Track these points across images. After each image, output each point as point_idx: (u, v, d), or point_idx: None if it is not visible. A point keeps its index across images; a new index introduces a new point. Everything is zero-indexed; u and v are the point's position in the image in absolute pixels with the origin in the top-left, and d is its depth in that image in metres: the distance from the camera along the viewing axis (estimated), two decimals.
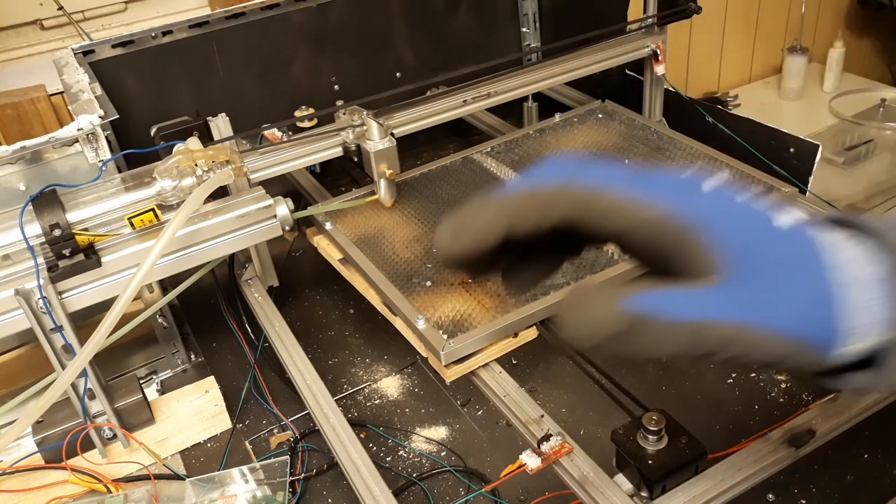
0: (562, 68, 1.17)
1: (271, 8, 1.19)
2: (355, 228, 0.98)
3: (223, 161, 0.81)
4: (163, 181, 0.79)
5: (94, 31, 1.71)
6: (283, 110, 1.20)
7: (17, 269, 0.75)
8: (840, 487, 0.75)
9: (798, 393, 0.87)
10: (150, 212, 0.78)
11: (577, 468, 0.66)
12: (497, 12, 1.43)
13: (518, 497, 0.79)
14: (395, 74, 1.35)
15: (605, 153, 1.09)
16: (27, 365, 0.94)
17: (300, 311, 1.12)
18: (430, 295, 0.84)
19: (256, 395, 0.96)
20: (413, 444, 0.88)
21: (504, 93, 1.13)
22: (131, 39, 1.10)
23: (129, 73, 1.13)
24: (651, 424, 0.65)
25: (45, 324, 0.75)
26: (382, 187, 0.99)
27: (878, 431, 0.77)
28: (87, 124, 0.82)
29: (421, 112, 1.08)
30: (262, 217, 0.84)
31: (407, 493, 0.82)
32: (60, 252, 0.74)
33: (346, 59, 1.30)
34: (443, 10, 1.37)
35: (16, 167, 0.82)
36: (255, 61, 1.22)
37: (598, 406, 0.87)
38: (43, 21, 1.74)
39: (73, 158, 0.84)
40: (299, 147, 0.99)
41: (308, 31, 1.25)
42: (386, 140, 0.97)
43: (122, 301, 0.70)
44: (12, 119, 1.50)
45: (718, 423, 0.84)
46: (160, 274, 0.82)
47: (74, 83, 0.95)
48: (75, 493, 0.82)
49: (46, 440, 0.82)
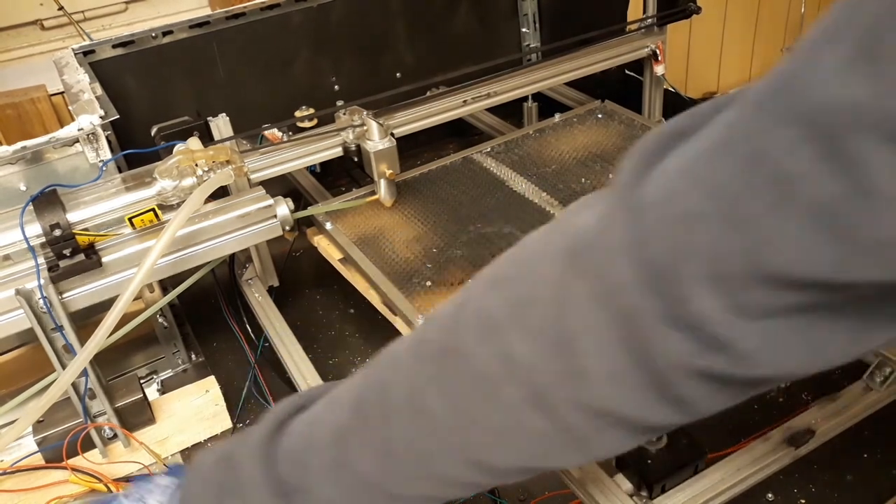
0: (561, 68, 1.17)
1: (271, 8, 1.19)
2: (355, 228, 0.98)
3: (223, 161, 0.81)
4: (163, 181, 0.79)
5: (95, 32, 1.72)
6: (283, 110, 1.20)
7: (18, 269, 0.75)
8: (839, 487, 0.75)
9: (798, 393, 0.87)
10: (150, 212, 0.78)
11: (577, 468, 0.66)
12: (497, 12, 1.43)
13: (518, 496, 0.79)
14: (395, 74, 1.36)
15: (604, 153, 1.10)
16: (27, 365, 0.94)
17: (300, 311, 1.12)
18: (430, 295, 0.84)
19: (257, 394, 0.96)
20: None
21: (504, 93, 1.13)
22: (132, 40, 1.10)
23: (130, 73, 1.13)
24: None
25: (46, 324, 0.75)
26: (382, 187, 0.99)
27: (878, 431, 0.77)
28: (88, 124, 0.82)
29: (421, 112, 1.08)
30: (262, 217, 0.84)
31: None
32: (61, 252, 0.74)
33: (346, 59, 1.30)
34: (443, 10, 1.37)
35: (16, 167, 0.82)
36: (256, 61, 1.22)
37: None
38: (43, 21, 1.74)
39: (73, 158, 0.84)
40: (299, 147, 0.99)
41: (308, 32, 1.25)
42: (386, 140, 0.97)
43: (123, 301, 0.70)
44: (13, 119, 1.50)
45: (718, 423, 0.83)
46: (160, 274, 0.82)
47: (75, 83, 0.95)
48: (76, 493, 0.82)
49: (47, 440, 0.82)
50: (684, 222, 0.31)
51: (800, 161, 0.27)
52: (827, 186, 0.26)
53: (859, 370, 0.75)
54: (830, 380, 0.87)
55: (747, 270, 0.30)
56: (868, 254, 0.27)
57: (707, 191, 0.30)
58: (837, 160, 0.26)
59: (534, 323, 0.37)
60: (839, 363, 0.32)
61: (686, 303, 0.31)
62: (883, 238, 0.26)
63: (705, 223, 0.30)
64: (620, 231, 0.33)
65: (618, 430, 0.38)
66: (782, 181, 0.27)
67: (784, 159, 0.27)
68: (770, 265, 0.29)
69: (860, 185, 0.25)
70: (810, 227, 0.27)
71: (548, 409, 0.38)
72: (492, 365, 0.39)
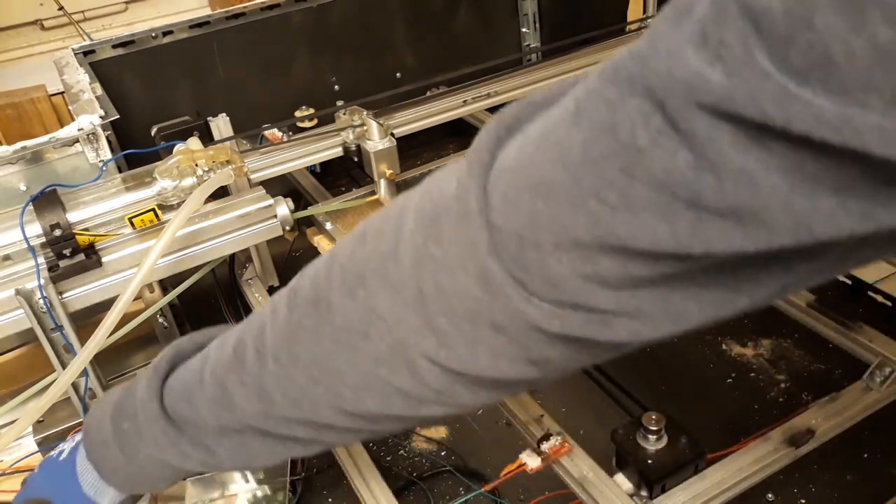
0: (562, 68, 1.17)
1: (271, 8, 1.19)
2: None
3: (223, 161, 0.81)
4: (163, 181, 0.79)
5: (95, 32, 1.72)
6: (283, 110, 1.20)
7: (18, 269, 0.75)
8: (839, 487, 0.75)
9: (798, 393, 0.87)
10: (150, 212, 0.78)
11: (577, 468, 0.67)
12: (497, 12, 1.43)
13: (518, 497, 0.79)
14: (395, 74, 1.35)
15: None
16: (27, 365, 0.94)
17: None
18: None
19: None
20: (413, 443, 0.88)
21: (504, 93, 1.13)
22: (132, 39, 1.10)
23: (130, 73, 1.13)
24: (651, 424, 0.65)
25: (46, 324, 0.75)
26: (382, 187, 0.99)
27: (878, 431, 0.77)
28: (88, 124, 0.82)
29: (421, 112, 1.08)
30: (262, 217, 0.84)
31: (407, 492, 0.82)
32: (61, 252, 0.74)
33: (346, 59, 1.30)
34: (443, 11, 1.37)
35: (16, 167, 0.82)
36: (256, 61, 1.22)
37: (598, 406, 0.87)
38: (43, 21, 1.74)
39: (73, 158, 0.84)
40: (299, 147, 0.99)
41: (308, 32, 1.25)
42: (386, 140, 0.97)
43: (123, 301, 0.70)
44: (13, 119, 1.50)
45: (718, 423, 0.84)
46: (160, 274, 0.82)
47: (75, 83, 0.95)
48: None
49: (47, 440, 0.82)
50: (536, 191, 0.31)
51: (646, 133, 0.27)
52: (669, 160, 0.27)
53: (859, 370, 0.76)
54: (831, 380, 0.87)
55: (596, 241, 0.30)
56: (711, 227, 0.27)
57: (558, 161, 0.31)
58: (680, 134, 0.26)
59: (395, 278, 0.38)
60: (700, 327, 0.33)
61: (540, 269, 0.32)
62: (725, 210, 0.26)
63: (556, 193, 0.31)
64: (475, 199, 0.34)
65: (477, 386, 0.39)
66: (629, 153, 0.28)
67: (631, 131, 0.27)
68: (617, 237, 0.29)
69: (701, 158, 0.26)
70: (655, 200, 0.28)
71: (408, 363, 0.39)
72: (356, 317, 0.40)
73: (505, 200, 0.33)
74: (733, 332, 0.96)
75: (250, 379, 0.46)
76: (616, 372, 0.77)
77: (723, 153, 0.25)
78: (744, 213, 0.26)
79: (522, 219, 0.32)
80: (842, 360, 0.86)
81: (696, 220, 0.27)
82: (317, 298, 0.43)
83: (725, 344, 0.95)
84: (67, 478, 0.56)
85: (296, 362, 0.44)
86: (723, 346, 0.94)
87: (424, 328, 0.38)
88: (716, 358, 0.93)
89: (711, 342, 0.95)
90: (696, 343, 0.95)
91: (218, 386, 0.48)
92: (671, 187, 0.27)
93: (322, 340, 0.42)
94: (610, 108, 0.28)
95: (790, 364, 0.90)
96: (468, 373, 0.38)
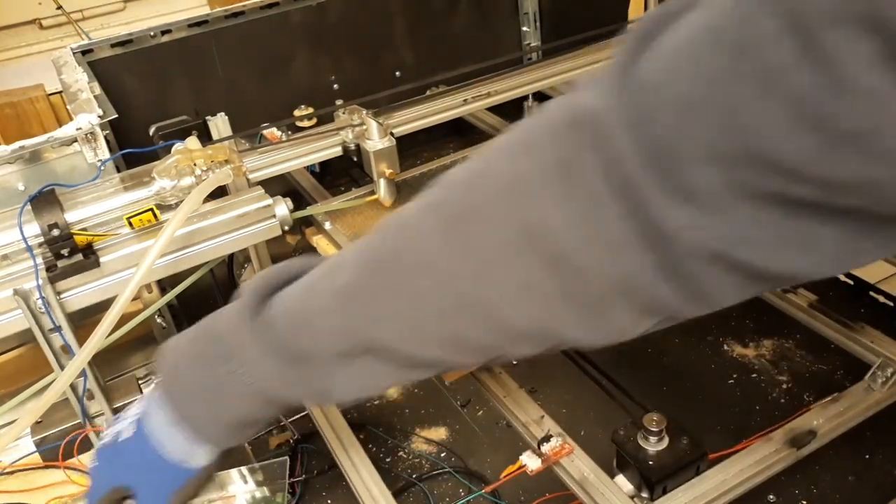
0: (562, 68, 1.17)
1: (271, 7, 1.19)
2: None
3: (222, 161, 0.81)
4: (161, 181, 0.78)
5: (93, 31, 1.71)
6: (282, 110, 1.19)
7: (16, 269, 0.74)
8: (841, 488, 0.75)
9: (799, 393, 0.86)
10: (148, 211, 0.77)
11: (578, 469, 0.66)
12: (497, 11, 1.43)
13: (518, 498, 0.79)
14: (394, 74, 1.35)
15: None
16: (26, 365, 0.94)
17: None
18: None
19: None
20: (413, 444, 0.88)
21: (504, 92, 1.13)
22: (130, 39, 1.10)
23: (128, 72, 1.12)
24: (652, 425, 0.65)
25: (44, 324, 0.74)
26: (382, 187, 0.99)
27: (880, 432, 0.77)
28: (86, 124, 0.82)
29: (421, 111, 1.08)
30: (261, 217, 0.84)
31: (407, 494, 0.82)
32: (59, 252, 0.73)
33: (345, 58, 1.30)
34: (443, 10, 1.37)
35: (14, 167, 0.81)
36: (255, 60, 1.22)
37: (598, 406, 0.87)
38: (42, 20, 1.74)
39: (71, 158, 0.83)
40: (299, 146, 0.99)
41: (307, 30, 1.24)
42: (386, 140, 0.97)
43: (121, 301, 0.70)
44: (11, 118, 1.50)
45: (719, 424, 0.83)
46: (159, 274, 0.82)
47: (73, 82, 0.95)
48: (75, 493, 0.81)
49: (45, 440, 0.82)
50: (680, 105, 0.33)
51: (781, 52, 0.28)
52: (805, 78, 0.27)
53: (861, 371, 0.75)
54: (832, 380, 0.86)
55: (739, 152, 0.32)
56: (843, 146, 0.28)
57: (699, 76, 0.32)
58: (814, 53, 0.27)
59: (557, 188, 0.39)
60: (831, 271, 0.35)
61: (686, 178, 0.33)
62: (857, 130, 0.27)
63: (699, 108, 0.32)
64: (621, 109, 0.35)
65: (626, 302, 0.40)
66: (766, 71, 0.29)
67: (767, 49, 0.28)
68: (758, 149, 0.31)
69: (836, 77, 0.26)
70: (792, 117, 0.29)
71: (565, 272, 0.39)
72: (514, 226, 0.40)
73: (651, 112, 0.34)
74: (735, 332, 0.95)
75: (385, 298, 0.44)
76: (617, 373, 0.77)
77: (856, 71, 0.26)
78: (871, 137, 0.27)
79: (669, 131, 0.34)
80: (843, 361, 0.86)
81: (828, 139, 0.28)
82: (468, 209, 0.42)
83: (727, 344, 0.94)
84: (143, 454, 0.53)
85: (443, 273, 0.43)
86: (724, 346, 0.94)
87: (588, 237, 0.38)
88: (717, 358, 0.93)
89: (713, 343, 0.95)
90: (697, 343, 0.95)
91: (343, 313, 0.46)
92: (805, 105, 0.28)
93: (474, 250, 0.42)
94: (747, 25, 0.29)
95: (792, 365, 0.90)
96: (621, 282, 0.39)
